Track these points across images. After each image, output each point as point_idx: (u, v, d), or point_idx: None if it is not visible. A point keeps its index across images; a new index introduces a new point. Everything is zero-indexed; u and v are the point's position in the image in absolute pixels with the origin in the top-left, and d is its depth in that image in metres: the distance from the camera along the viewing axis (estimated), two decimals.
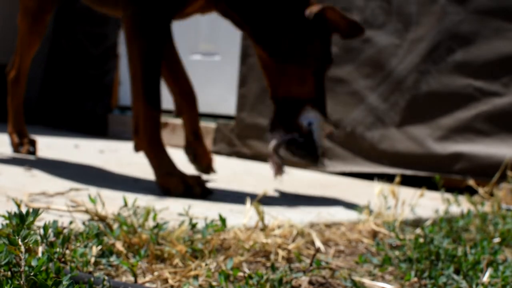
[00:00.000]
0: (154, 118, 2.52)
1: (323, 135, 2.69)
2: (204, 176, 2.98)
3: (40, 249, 1.30)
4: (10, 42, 3.72)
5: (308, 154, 2.66)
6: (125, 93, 5.00)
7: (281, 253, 1.73)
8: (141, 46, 2.53)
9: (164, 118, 4.15)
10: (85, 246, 1.48)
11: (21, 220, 1.16)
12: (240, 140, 3.97)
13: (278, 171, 2.72)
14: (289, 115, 2.69)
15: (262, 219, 1.81)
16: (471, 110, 3.15)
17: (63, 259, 1.38)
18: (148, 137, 2.52)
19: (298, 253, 1.75)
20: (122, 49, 4.95)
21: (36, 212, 1.19)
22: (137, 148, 2.57)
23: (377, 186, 2.27)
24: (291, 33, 2.65)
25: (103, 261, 1.49)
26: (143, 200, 2.26)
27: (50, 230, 1.36)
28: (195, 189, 2.44)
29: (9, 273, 1.14)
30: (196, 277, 1.46)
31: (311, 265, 1.53)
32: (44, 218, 1.77)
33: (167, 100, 3.09)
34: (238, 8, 2.67)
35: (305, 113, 2.66)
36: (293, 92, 2.68)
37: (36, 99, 5.35)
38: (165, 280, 1.48)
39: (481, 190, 2.61)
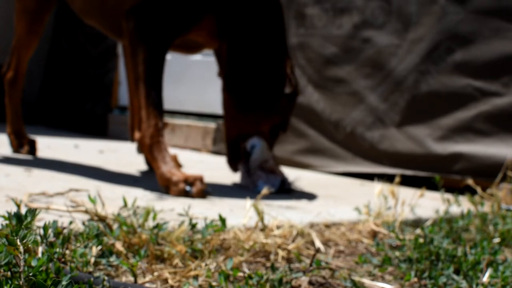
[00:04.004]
0: (156, 119, 2.55)
1: (266, 157, 2.79)
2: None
3: (40, 249, 1.30)
4: (6, 41, 3.71)
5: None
6: (125, 93, 4.99)
7: (281, 253, 1.73)
8: (145, 53, 2.57)
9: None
10: (85, 246, 1.48)
11: (19, 220, 1.16)
12: None
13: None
14: (239, 146, 2.83)
15: (262, 219, 1.81)
16: (471, 110, 3.14)
17: (63, 259, 1.38)
18: (150, 138, 2.54)
19: (298, 253, 1.75)
20: (122, 49, 4.94)
21: (33, 212, 1.19)
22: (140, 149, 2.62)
23: (377, 186, 2.27)
24: (262, 88, 2.77)
25: (103, 261, 1.49)
26: (143, 200, 2.26)
27: (50, 230, 1.36)
28: (195, 189, 2.45)
29: (8, 273, 1.14)
30: (196, 277, 1.46)
31: (311, 265, 1.53)
32: (44, 218, 1.77)
33: (166, 100, 3.09)
34: (232, 52, 2.78)
35: (250, 139, 2.80)
36: (245, 131, 2.81)
37: (36, 99, 5.35)
38: (165, 280, 1.48)
39: (480, 191, 2.61)
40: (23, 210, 1.25)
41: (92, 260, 1.46)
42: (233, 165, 2.87)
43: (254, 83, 2.76)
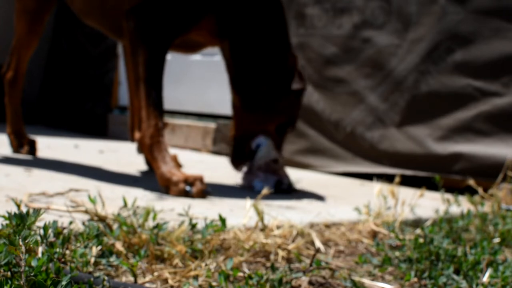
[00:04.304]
0: (156, 119, 2.55)
1: (272, 156, 2.78)
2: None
3: (40, 249, 1.30)
4: (6, 41, 3.71)
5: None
6: (125, 93, 4.99)
7: (281, 253, 1.73)
8: (145, 53, 2.57)
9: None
10: (85, 246, 1.48)
11: (22, 220, 1.16)
12: None
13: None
14: (244, 145, 2.83)
15: (262, 219, 1.81)
16: (471, 110, 3.14)
17: (63, 259, 1.38)
18: (150, 138, 2.54)
19: (298, 253, 1.75)
20: (122, 49, 4.94)
21: (38, 212, 1.19)
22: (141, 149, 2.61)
23: (376, 186, 2.27)
24: (267, 87, 2.76)
25: (103, 261, 1.49)
26: (143, 200, 2.26)
27: (50, 230, 1.36)
28: (195, 189, 2.45)
29: (9, 273, 1.14)
30: (196, 277, 1.46)
31: (311, 265, 1.53)
32: (44, 218, 1.77)
33: (166, 100, 3.09)
34: (235, 52, 2.77)
35: (256, 138, 2.80)
36: (251, 130, 2.81)
37: (36, 99, 5.35)
38: (165, 280, 1.48)
39: (480, 191, 2.61)
40: (23, 210, 1.25)
41: (92, 260, 1.46)
42: (236, 164, 2.87)
43: (258, 81, 2.76)
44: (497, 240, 2.01)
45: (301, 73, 2.83)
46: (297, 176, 3.13)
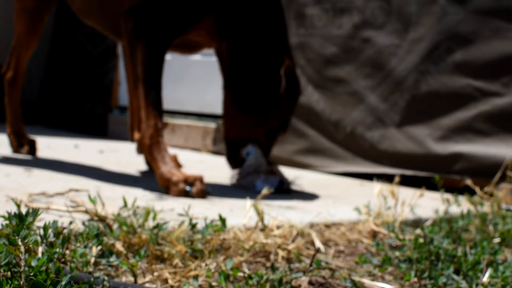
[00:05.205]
0: (155, 119, 2.55)
1: (260, 163, 2.80)
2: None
3: (40, 249, 1.30)
4: (6, 41, 3.71)
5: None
6: (125, 93, 4.99)
7: (281, 253, 1.73)
8: (144, 54, 2.57)
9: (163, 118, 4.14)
10: (85, 247, 1.48)
11: (21, 220, 1.16)
12: None
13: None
14: (236, 147, 2.84)
15: (262, 219, 1.81)
16: (471, 110, 3.14)
17: (63, 260, 1.38)
18: (149, 139, 2.54)
19: (298, 253, 1.75)
20: (122, 49, 4.93)
21: (35, 212, 1.19)
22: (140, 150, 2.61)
23: (376, 186, 2.27)
24: (262, 89, 2.76)
25: (103, 261, 1.49)
26: (143, 200, 2.26)
27: (50, 230, 1.36)
28: (195, 189, 2.45)
29: (9, 273, 1.14)
30: (196, 277, 1.46)
31: (311, 265, 1.53)
32: (44, 218, 1.77)
33: (166, 100, 3.09)
34: (233, 52, 2.77)
35: (246, 147, 2.82)
36: (243, 135, 2.81)
37: (36, 99, 5.35)
38: (165, 280, 1.48)
39: (479, 191, 2.61)
40: (23, 210, 1.25)
41: (92, 260, 1.46)
42: (232, 163, 2.87)
43: (254, 84, 2.76)
44: (497, 240, 2.01)
45: (297, 77, 2.83)
46: (297, 176, 3.13)
